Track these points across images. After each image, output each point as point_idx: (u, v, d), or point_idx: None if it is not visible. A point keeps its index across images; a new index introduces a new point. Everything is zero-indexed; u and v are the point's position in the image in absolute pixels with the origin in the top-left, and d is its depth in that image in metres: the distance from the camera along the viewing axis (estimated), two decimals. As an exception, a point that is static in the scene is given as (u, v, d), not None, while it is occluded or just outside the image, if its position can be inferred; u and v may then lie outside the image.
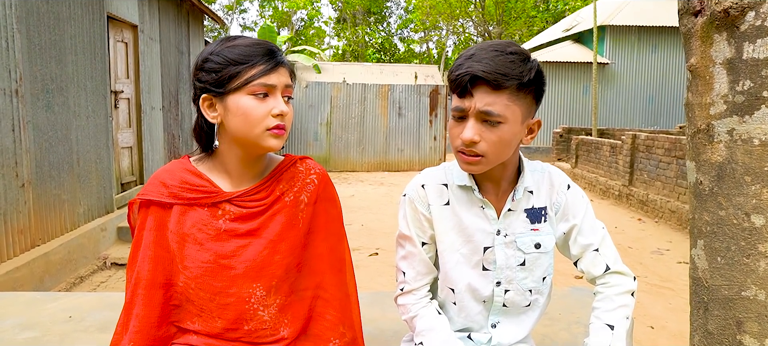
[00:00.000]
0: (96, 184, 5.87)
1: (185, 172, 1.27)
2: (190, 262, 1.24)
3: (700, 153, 1.74)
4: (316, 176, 1.35)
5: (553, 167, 1.44)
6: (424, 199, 1.38)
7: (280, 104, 1.20)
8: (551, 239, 1.39)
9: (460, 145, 1.23)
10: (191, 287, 1.24)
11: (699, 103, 1.72)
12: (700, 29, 1.69)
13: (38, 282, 4.46)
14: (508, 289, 1.38)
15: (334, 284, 1.35)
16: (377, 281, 5.11)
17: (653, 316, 4.36)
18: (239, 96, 1.18)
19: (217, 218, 1.25)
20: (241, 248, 1.25)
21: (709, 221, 1.79)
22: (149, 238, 1.25)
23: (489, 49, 1.20)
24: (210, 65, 1.21)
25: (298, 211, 1.31)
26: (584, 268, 1.40)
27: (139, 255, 1.26)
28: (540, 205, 1.39)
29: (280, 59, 1.22)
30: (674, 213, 7.85)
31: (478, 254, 1.36)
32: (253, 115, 1.18)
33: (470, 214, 1.36)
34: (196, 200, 1.25)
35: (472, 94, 1.19)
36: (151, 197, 1.25)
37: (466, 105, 1.20)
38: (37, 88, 4.71)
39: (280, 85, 1.21)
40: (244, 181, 1.29)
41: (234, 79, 1.18)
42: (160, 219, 1.25)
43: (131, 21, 7.04)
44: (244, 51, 1.19)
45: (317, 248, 1.34)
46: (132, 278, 1.26)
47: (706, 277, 1.81)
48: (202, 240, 1.24)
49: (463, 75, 1.18)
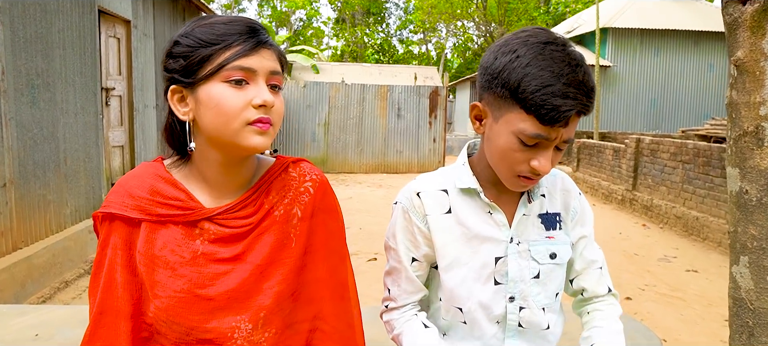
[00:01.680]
0: (84, 184, 5.67)
1: (157, 179, 1.05)
2: (161, 290, 1.01)
3: (747, 159, 1.54)
4: (311, 183, 1.12)
5: (557, 171, 1.29)
6: (420, 209, 1.20)
7: (263, 92, 0.97)
8: (567, 250, 1.22)
9: (526, 171, 1.07)
10: (162, 319, 1.01)
11: (746, 103, 1.52)
12: (750, 18, 1.49)
13: (19, 288, 4.25)
14: (523, 306, 1.20)
15: (335, 314, 1.13)
16: (376, 289, 4.91)
17: (665, 328, 4.17)
18: (212, 84, 0.96)
19: (194, 238, 1.03)
20: (221, 275, 1.03)
21: (756, 235, 1.59)
22: (113, 259, 1.03)
23: (573, 65, 1.01)
24: (178, 49, 0.98)
25: (290, 227, 1.08)
26: (587, 285, 1.28)
27: (100, 279, 1.04)
28: (554, 210, 1.23)
29: (263, 38, 0.99)
30: (680, 219, 7.66)
31: (489, 267, 1.18)
32: (227, 107, 0.95)
33: (477, 221, 1.18)
34: (169, 218, 1.03)
35: (566, 124, 1.02)
36: (113, 210, 1.03)
37: (553, 135, 1.03)
38: (21, 83, 4.50)
39: (263, 70, 0.98)
40: (227, 192, 1.07)
41: (205, 64, 0.96)
42: (126, 237, 1.03)
43: (124, 16, 6.84)
44: (219, 30, 0.97)
45: (315, 271, 1.11)
46: (94, 304, 1.04)
47: (752, 298, 1.61)
48: (174, 264, 1.01)
49: (568, 110, 0.99)
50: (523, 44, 1.03)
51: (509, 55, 1.03)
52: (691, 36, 16.77)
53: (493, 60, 1.06)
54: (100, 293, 1.03)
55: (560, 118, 0.99)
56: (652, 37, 16.79)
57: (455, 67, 36.36)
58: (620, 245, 6.79)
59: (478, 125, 1.14)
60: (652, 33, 16.73)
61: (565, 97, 0.99)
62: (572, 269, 1.29)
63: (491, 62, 1.06)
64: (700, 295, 5.03)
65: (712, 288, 5.24)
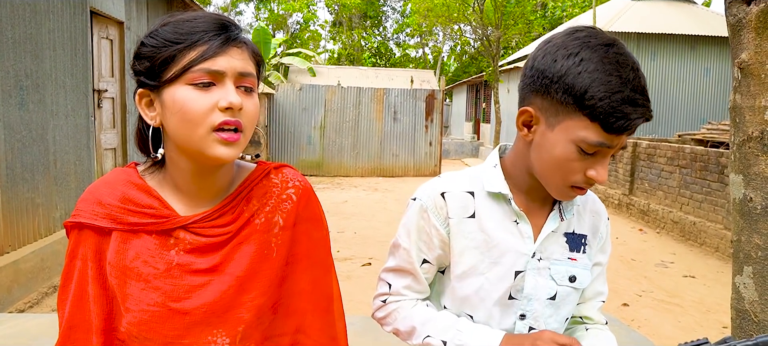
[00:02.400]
0: (75, 187, 5.58)
1: (129, 186, 0.98)
2: (133, 304, 0.95)
3: (751, 165, 1.48)
4: (294, 190, 1.05)
5: (590, 191, 1.21)
6: (443, 210, 1.12)
7: (230, 94, 0.89)
8: (587, 276, 1.16)
9: (581, 181, 1.01)
10: (134, 334, 0.95)
11: (750, 107, 1.45)
12: (755, 19, 1.43)
13: (6, 293, 4.16)
14: (533, 327, 1.13)
15: (318, 328, 1.07)
16: (370, 295, 4.83)
17: (663, 336, 4.11)
18: (176, 88, 0.89)
19: (169, 248, 0.96)
20: (198, 287, 0.96)
21: (761, 245, 1.53)
22: (82, 271, 0.97)
23: (633, 68, 0.95)
24: (144, 50, 0.92)
25: (271, 236, 1.02)
26: (589, 314, 1.24)
27: (69, 291, 0.98)
28: (581, 231, 1.16)
29: (233, 35, 0.92)
30: (677, 224, 7.62)
31: (507, 280, 1.11)
32: (191, 110, 0.88)
33: (501, 230, 1.11)
34: (141, 226, 0.96)
35: (633, 130, 0.96)
36: (82, 219, 0.97)
37: (615, 142, 0.97)
38: (10, 84, 4.43)
39: (231, 71, 0.90)
40: (203, 199, 1.00)
41: (169, 66, 0.89)
42: (96, 247, 0.97)
43: (117, 17, 6.77)
44: (184, 27, 0.90)
45: (298, 282, 1.05)
46: (63, 318, 0.98)
47: (756, 310, 1.55)
48: (148, 276, 0.95)
49: (637, 118, 0.94)
50: (585, 46, 0.96)
51: (572, 59, 0.95)
52: (687, 40, 16.78)
53: (552, 63, 0.98)
54: (69, 306, 0.98)
55: (629, 126, 0.93)
56: (648, 42, 16.80)
57: (452, 70, 36.37)
58: (617, 250, 6.74)
59: (527, 132, 1.05)
60: (649, 37, 16.74)
61: (634, 104, 0.93)
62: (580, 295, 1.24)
63: (549, 65, 0.98)
64: (698, 302, 4.98)
65: (709, 294, 5.19)
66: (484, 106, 22.01)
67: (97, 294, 0.97)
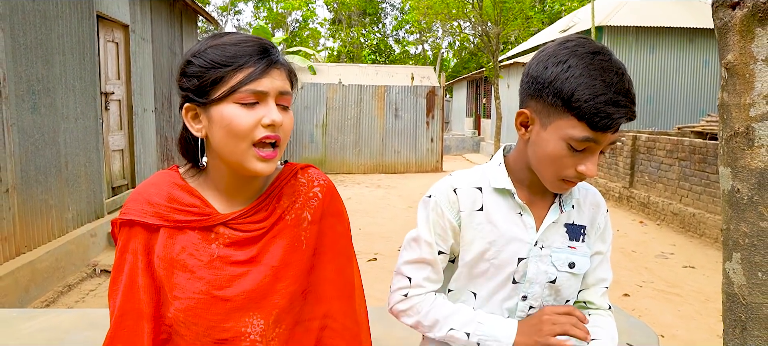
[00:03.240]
0: (85, 188, 5.70)
1: (174, 187, 1.10)
2: (180, 292, 1.07)
3: (738, 158, 1.59)
4: (319, 188, 1.18)
5: (589, 185, 1.34)
6: (455, 205, 1.24)
7: (272, 112, 1.01)
8: (586, 263, 1.27)
9: (572, 175, 1.13)
10: (181, 320, 1.07)
11: (737, 104, 1.56)
12: (740, 23, 1.54)
13: (23, 292, 4.28)
14: (533, 306, 1.26)
15: (343, 312, 1.18)
16: (376, 289, 4.95)
17: (663, 324, 4.22)
18: (224, 106, 1.01)
19: (210, 242, 1.08)
20: (238, 276, 1.08)
21: (747, 232, 1.64)
22: (133, 263, 1.08)
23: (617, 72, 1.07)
24: (192, 69, 1.03)
25: (300, 230, 1.14)
26: (592, 299, 1.34)
27: (120, 282, 1.09)
28: (581, 222, 1.28)
29: (275, 58, 1.04)
30: (677, 216, 7.72)
31: (511, 265, 1.23)
32: (237, 126, 1.00)
33: (506, 221, 1.23)
34: (186, 223, 1.08)
35: (616, 130, 1.08)
36: (133, 216, 1.08)
37: (601, 139, 1.08)
38: (23, 89, 4.54)
39: (273, 91, 1.02)
40: (240, 199, 1.12)
41: (217, 86, 1.01)
42: (146, 242, 1.09)
43: (122, 20, 6.87)
44: (230, 51, 1.01)
45: (324, 271, 1.17)
46: (114, 308, 1.10)
47: (744, 293, 1.66)
48: (193, 268, 1.07)
49: (619, 117, 1.05)
50: (572, 55, 1.08)
51: (560, 66, 1.09)
52: (685, 33, 16.84)
53: (544, 70, 1.11)
54: (121, 295, 1.09)
55: (612, 124, 1.05)
56: (647, 35, 16.85)
57: (452, 66, 36.41)
58: (618, 242, 6.84)
59: (524, 131, 1.19)
60: (647, 30, 16.79)
61: (616, 105, 1.05)
62: (583, 282, 1.34)
63: (541, 72, 1.12)
64: (698, 291, 5.08)
65: (708, 284, 5.30)
66: (484, 102, 22.09)
67: (146, 284, 1.08)
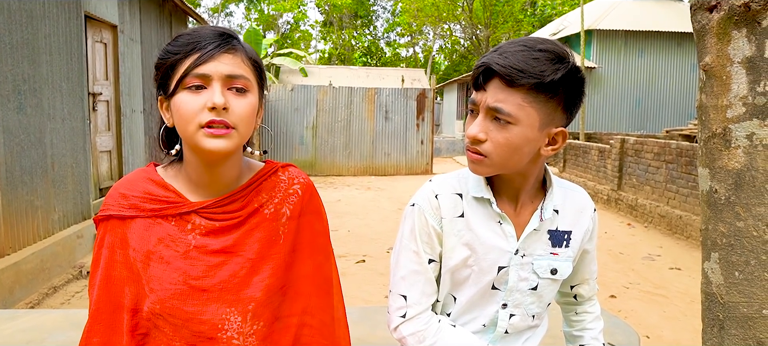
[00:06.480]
0: (72, 189, 5.66)
1: (148, 182, 1.12)
2: (157, 284, 1.07)
3: (715, 159, 1.61)
4: (299, 186, 1.20)
5: (577, 187, 1.32)
6: (437, 211, 1.22)
7: (214, 96, 1.01)
8: (568, 267, 1.26)
9: (468, 140, 1.15)
10: (158, 312, 1.08)
11: (714, 106, 1.59)
12: (717, 26, 1.56)
13: (8, 294, 4.24)
14: (514, 314, 1.25)
15: (321, 309, 1.20)
16: (365, 290, 4.95)
17: (648, 325, 4.26)
18: (178, 94, 1.03)
19: (186, 232, 1.10)
20: (214, 266, 1.09)
21: (725, 232, 1.66)
22: (108, 257, 1.10)
23: (517, 43, 1.10)
24: (158, 61, 1.07)
25: (279, 225, 1.15)
26: (584, 293, 1.39)
27: (96, 276, 1.10)
28: (565, 228, 1.26)
29: (224, 43, 1.05)
30: (664, 218, 7.79)
31: (491, 274, 1.22)
32: (185, 111, 1.02)
33: (486, 229, 1.21)
34: (159, 212, 1.09)
35: (485, 89, 1.09)
36: (110, 212, 1.10)
37: (479, 99, 1.11)
38: (8, 89, 4.50)
39: (217, 74, 1.02)
40: (214, 191, 1.13)
41: (173, 74, 1.04)
42: (122, 235, 1.10)
43: (111, 21, 6.83)
44: (182, 40, 1.04)
45: (302, 267, 1.18)
46: (92, 301, 1.11)
47: (722, 293, 1.68)
48: (169, 259, 1.08)
49: (479, 66, 1.10)
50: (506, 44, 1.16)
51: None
52: (674, 37, 17.00)
53: None
54: (97, 289, 1.10)
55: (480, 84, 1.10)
56: (635, 39, 17.00)
57: (443, 69, 36.52)
58: (606, 244, 6.89)
59: None
60: (636, 34, 16.94)
61: (482, 58, 1.12)
62: (575, 277, 1.36)
63: None
64: (683, 292, 5.13)
65: (694, 285, 5.34)
66: (474, 105, 22.10)
67: (123, 277, 1.09)
